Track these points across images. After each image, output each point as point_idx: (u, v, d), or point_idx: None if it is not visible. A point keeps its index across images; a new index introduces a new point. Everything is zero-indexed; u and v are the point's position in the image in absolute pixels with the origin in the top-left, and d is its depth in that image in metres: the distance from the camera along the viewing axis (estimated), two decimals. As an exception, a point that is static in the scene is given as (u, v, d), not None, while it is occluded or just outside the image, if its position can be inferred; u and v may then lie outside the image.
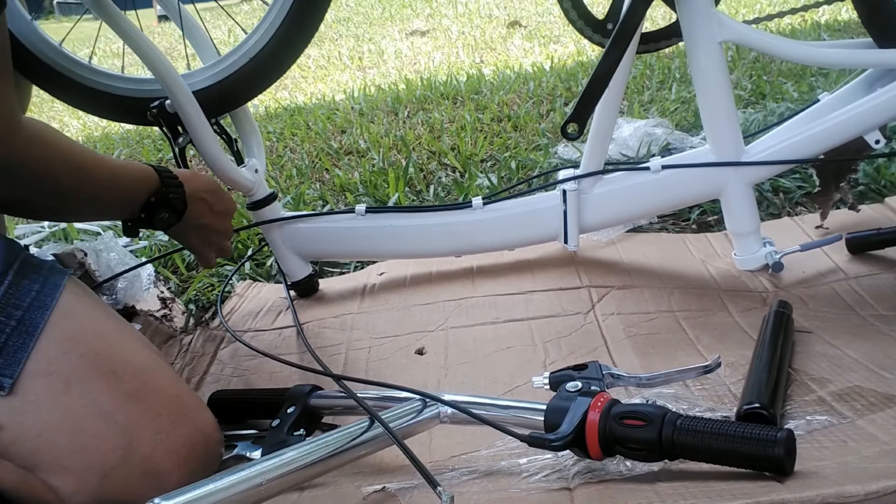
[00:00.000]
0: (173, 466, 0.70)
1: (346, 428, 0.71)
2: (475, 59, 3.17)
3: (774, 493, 0.53)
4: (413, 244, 1.20)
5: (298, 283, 1.21)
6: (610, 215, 1.16)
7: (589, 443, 0.64)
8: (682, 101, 1.91)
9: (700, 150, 1.11)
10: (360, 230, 1.20)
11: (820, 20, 2.83)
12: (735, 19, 1.02)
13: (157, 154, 2.15)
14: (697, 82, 1.05)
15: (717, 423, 0.61)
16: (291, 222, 1.19)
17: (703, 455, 0.61)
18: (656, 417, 0.62)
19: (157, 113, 1.05)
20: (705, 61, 1.02)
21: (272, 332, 1.12)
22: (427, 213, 1.20)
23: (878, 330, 0.89)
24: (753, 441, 0.58)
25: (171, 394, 0.74)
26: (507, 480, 0.69)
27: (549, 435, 0.65)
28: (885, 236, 1.07)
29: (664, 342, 0.93)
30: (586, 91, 1.05)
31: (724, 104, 1.04)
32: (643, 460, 0.64)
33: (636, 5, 1.01)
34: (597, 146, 1.13)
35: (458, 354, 0.98)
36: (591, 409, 0.65)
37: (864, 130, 1.01)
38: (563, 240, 1.16)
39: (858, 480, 0.54)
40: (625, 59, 1.04)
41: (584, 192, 1.14)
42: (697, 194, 1.12)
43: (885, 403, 0.71)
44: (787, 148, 1.04)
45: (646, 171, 1.11)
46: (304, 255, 1.22)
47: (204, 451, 0.74)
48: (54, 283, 0.73)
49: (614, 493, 0.61)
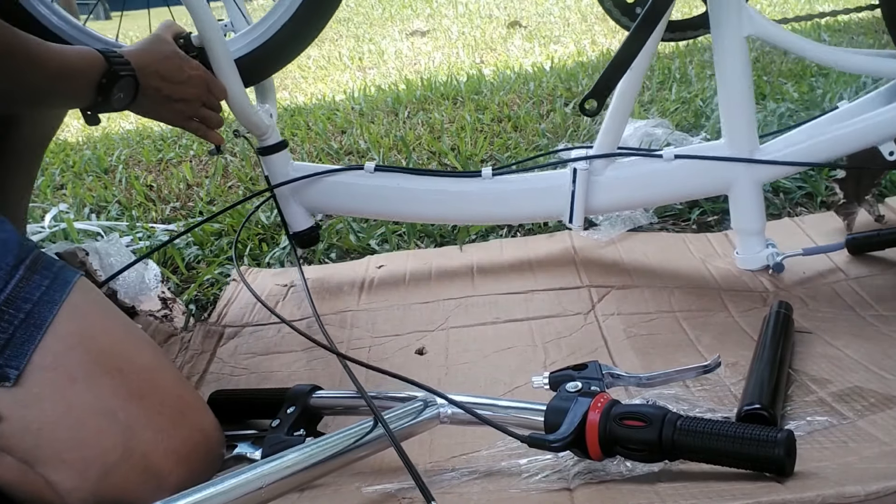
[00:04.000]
0: (173, 465, 0.70)
1: (347, 429, 0.71)
2: (475, 60, 3.17)
3: (775, 493, 0.53)
4: (418, 207, 1.20)
5: (300, 234, 1.21)
6: (618, 199, 1.15)
7: (589, 443, 0.64)
8: (682, 102, 1.91)
9: (714, 143, 1.11)
10: (368, 188, 1.19)
11: (819, 21, 2.82)
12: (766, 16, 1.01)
13: (157, 154, 2.15)
14: (720, 75, 1.05)
15: (717, 423, 0.61)
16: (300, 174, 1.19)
17: (703, 456, 0.61)
18: (656, 418, 0.62)
19: (183, 45, 1.05)
20: (730, 54, 1.02)
21: (271, 326, 1.12)
22: (436, 178, 1.19)
23: (878, 330, 0.89)
24: (754, 442, 0.58)
25: (174, 393, 0.74)
26: (508, 481, 0.69)
27: (549, 436, 0.65)
28: (885, 237, 1.07)
29: (664, 342, 0.93)
30: (607, 71, 1.04)
31: (744, 99, 1.04)
32: (643, 461, 0.64)
33: None
34: (612, 129, 1.12)
35: (458, 354, 0.97)
36: (591, 410, 0.65)
37: (879, 140, 1.01)
38: (567, 219, 1.15)
39: (859, 481, 0.54)
40: (649, 45, 1.03)
41: (594, 174, 1.13)
42: (707, 187, 1.11)
43: (885, 404, 0.71)
44: (801, 150, 1.04)
45: (658, 159, 1.10)
46: (310, 209, 1.21)
47: (205, 451, 0.74)
48: (64, 280, 0.73)
49: (615, 494, 0.61)
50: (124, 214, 1.68)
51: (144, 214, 1.68)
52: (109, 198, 1.80)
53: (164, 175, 1.96)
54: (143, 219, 1.65)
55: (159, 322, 1.13)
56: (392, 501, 0.69)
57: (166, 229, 1.56)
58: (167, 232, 1.54)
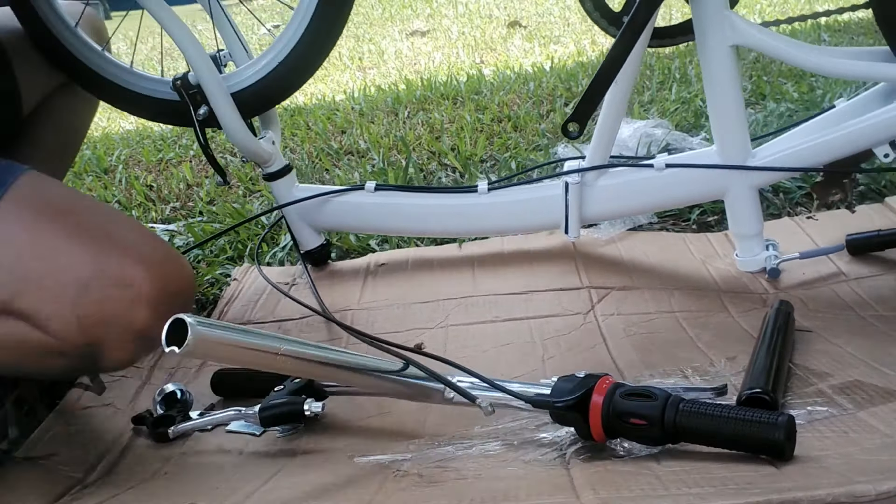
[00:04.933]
0: (144, 273, 0.74)
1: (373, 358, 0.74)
2: (475, 60, 3.17)
3: (786, 490, 0.53)
4: (418, 223, 1.24)
5: (311, 252, 1.27)
6: (611, 209, 1.17)
7: (591, 418, 0.65)
8: (682, 102, 1.91)
9: (706, 150, 1.11)
10: (369, 206, 1.23)
11: (820, 21, 2.83)
12: (752, 21, 0.99)
13: (157, 154, 2.15)
14: (707, 83, 1.04)
15: (719, 406, 0.62)
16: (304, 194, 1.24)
17: (704, 438, 0.62)
18: (661, 396, 0.63)
19: (179, 84, 1.09)
20: (716, 64, 1.00)
21: (272, 325, 1.12)
22: (433, 195, 1.22)
23: (878, 329, 0.89)
24: (755, 425, 0.59)
25: (135, 225, 0.83)
26: (505, 458, 0.70)
27: (553, 399, 0.66)
28: (885, 238, 1.06)
29: (664, 340, 0.93)
30: (591, 85, 1.05)
31: (733, 106, 1.03)
32: (645, 442, 0.65)
33: (648, 1, 0.99)
34: (602, 140, 1.13)
35: (456, 350, 0.98)
36: (598, 385, 0.66)
37: (874, 143, 1.00)
38: (563, 229, 1.17)
39: (864, 472, 0.54)
40: (635, 54, 1.03)
41: (587, 184, 1.14)
42: (700, 194, 1.12)
43: (885, 398, 0.71)
44: (794, 155, 1.03)
45: (649, 169, 1.11)
46: (316, 227, 1.26)
47: (175, 264, 0.79)
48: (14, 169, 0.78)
49: (615, 478, 0.61)
50: (124, 214, 1.68)
51: (144, 214, 1.69)
52: (109, 198, 1.80)
53: (164, 175, 1.96)
54: (143, 219, 1.65)
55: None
56: (384, 472, 0.69)
57: (166, 229, 1.56)
58: (167, 232, 1.54)
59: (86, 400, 0.93)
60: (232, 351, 0.60)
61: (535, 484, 0.63)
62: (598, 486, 0.59)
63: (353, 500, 0.65)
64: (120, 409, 0.92)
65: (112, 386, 0.95)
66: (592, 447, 0.68)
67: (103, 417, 0.91)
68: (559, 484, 0.62)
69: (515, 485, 0.63)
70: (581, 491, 0.59)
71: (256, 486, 0.70)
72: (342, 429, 0.84)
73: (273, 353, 0.63)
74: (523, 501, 0.59)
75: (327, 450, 0.78)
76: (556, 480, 0.63)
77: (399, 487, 0.66)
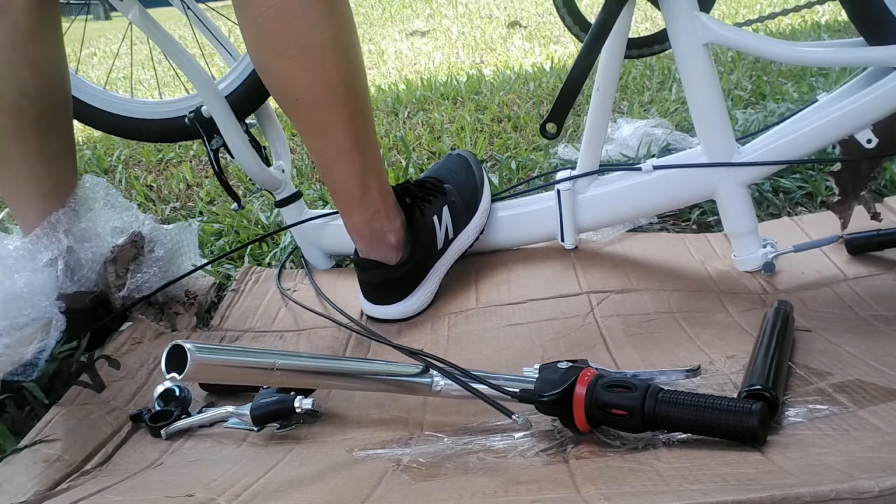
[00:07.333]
0: None
1: (374, 361, 0.76)
2: (475, 60, 3.17)
3: (790, 487, 0.52)
4: None
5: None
6: (605, 215, 1.18)
7: (575, 407, 0.68)
8: (682, 102, 1.91)
9: (693, 150, 1.12)
10: None
11: (820, 20, 2.83)
12: (722, 21, 1.02)
13: (157, 154, 2.15)
14: (686, 84, 1.06)
15: (696, 395, 0.65)
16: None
17: (682, 425, 0.65)
18: (640, 387, 0.66)
19: (193, 118, 1.18)
20: (691, 63, 1.03)
21: (272, 334, 1.11)
22: None
23: (877, 329, 0.89)
24: (730, 413, 0.62)
25: None
26: (504, 452, 0.70)
27: (538, 392, 0.70)
28: (884, 237, 1.06)
29: (663, 339, 0.93)
30: (562, 92, 1.08)
31: (713, 105, 1.04)
32: (627, 430, 0.68)
33: (609, 6, 1.02)
34: (591, 147, 1.15)
35: (456, 353, 0.97)
36: (581, 376, 0.69)
37: (853, 129, 1.00)
38: (559, 238, 1.19)
39: (867, 469, 0.54)
40: (612, 61, 1.06)
41: (579, 193, 1.16)
42: (690, 195, 1.12)
43: (886, 397, 0.71)
44: (778, 148, 1.04)
45: (638, 172, 1.12)
46: (327, 251, 1.29)
47: None
48: None
49: (615, 473, 0.61)
50: (124, 213, 1.68)
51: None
52: (109, 197, 1.80)
53: (164, 175, 1.96)
54: (143, 218, 1.64)
55: (150, 321, 1.12)
56: (384, 466, 0.70)
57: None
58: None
59: (85, 397, 0.93)
60: (229, 371, 0.67)
61: (536, 478, 0.63)
62: (600, 482, 0.59)
63: (352, 493, 0.65)
64: (119, 407, 0.92)
65: (112, 385, 0.95)
66: (591, 441, 0.69)
67: (102, 413, 0.91)
68: (559, 479, 0.62)
69: (515, 479, 0.63)
70: (582, 486, 0.59)
71: (254, 479, 0.71)
72: (341, 423, 0.84)
73: (268, 369, 0.68)
74: (524, 496, 0.59)
75: (326, 443, 0.78)
76: (556, 476, 0.63)
77: (399, 481, 0.66)
